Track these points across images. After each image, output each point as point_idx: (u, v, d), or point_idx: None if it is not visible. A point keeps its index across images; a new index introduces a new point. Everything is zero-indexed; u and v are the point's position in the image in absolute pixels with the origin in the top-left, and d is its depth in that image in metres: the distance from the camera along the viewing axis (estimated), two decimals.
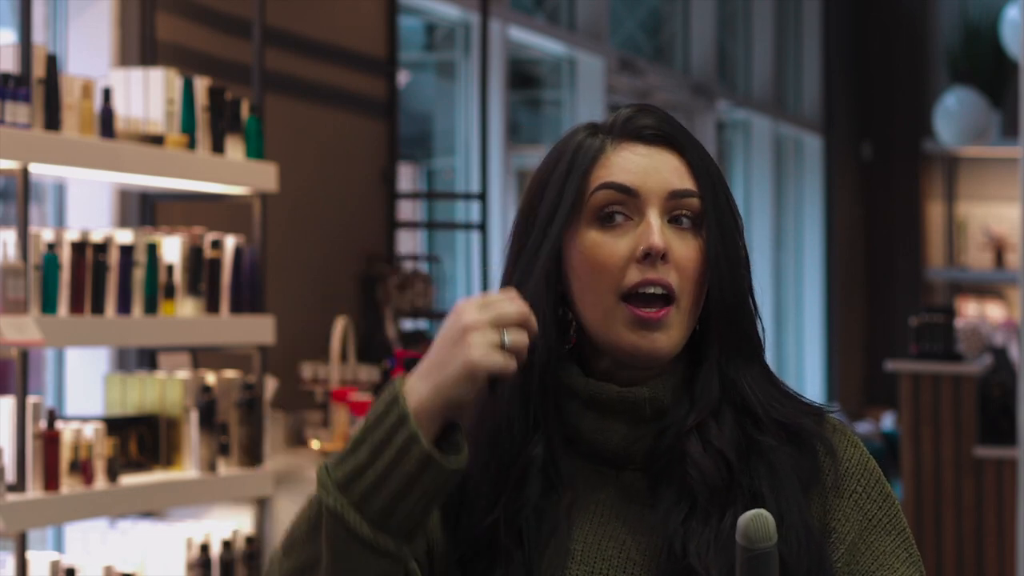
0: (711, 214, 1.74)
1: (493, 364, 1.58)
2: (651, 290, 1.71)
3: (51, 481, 3.90)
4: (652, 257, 1.71)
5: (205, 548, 4.45)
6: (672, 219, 1.74)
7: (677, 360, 1.76)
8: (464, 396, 1.59)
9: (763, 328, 1.80)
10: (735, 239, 1.76)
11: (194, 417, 4.46)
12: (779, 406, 1.75)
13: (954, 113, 11.28)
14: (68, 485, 3.96)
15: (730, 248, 1.75)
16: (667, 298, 1.72)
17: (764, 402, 1.74)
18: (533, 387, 1.73)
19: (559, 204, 1.74)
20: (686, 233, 1.74)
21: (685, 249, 1.73)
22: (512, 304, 1.61)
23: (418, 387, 1.59)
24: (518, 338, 1.60)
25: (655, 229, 1.71)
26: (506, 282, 1.76)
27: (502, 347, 1.59)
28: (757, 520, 1.56)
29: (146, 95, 4.38)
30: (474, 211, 6.81)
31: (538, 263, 1.74)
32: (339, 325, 5.50)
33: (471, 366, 1.58)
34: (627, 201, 1.73)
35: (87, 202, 4.82)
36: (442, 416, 1.59)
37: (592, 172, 1.74)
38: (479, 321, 1.59)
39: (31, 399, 3.89)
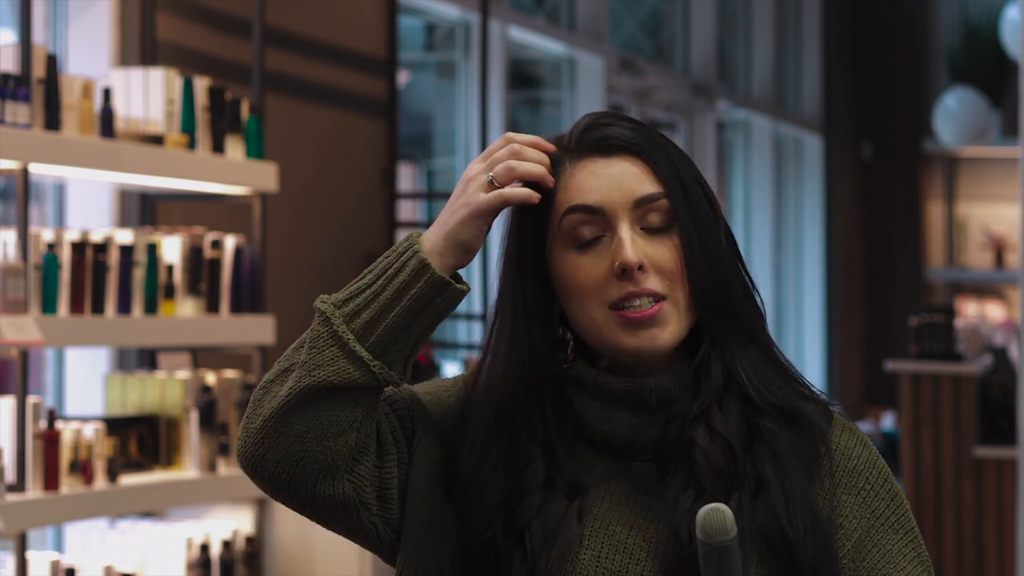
0: (682, 212, 1.75)
1: (486, 200, 1.72)
2: (637, 301, 1.73)
3: (51, 481, 3.89)
4: (629, 272, 1.73)
5: (205, 548, 4.45)
6: (645, 224, 1.75)
7: (681, 350, 1.77)
8: (469, 236, 1.73)
9: (761, 303, 1.80)
10: (713, 228, 1.77)
11: (194, 417, 4.46)
12: (776, 390, 1.76)
13: (954, 113, 11.28)
14: (68, 485, 3.96)
15: (708, 238, 1.76)
16: (657, 296, 1.73)
17: (760, 386, 1.75)
18: (539, 395, 1.77)
19: (533, 236, 1.78)
20: (661, 234, 1.75)
21: (663, 251, 1.74)
22: (505, 147, 1.75)
23: (429, 234, 1.74)
24: (503, 172, 1.73)
25: (626, 243, 1.73)
26: (500, 301, 1.80)
27: (491, 185, 1.73)
28: (713, 514, 1.58)
29: (146, 95, 4.38)
30: None
31: (525, 293, 1.78)
32: None
33: (469, 206, 1.72)
34: (595, 219, 1.75)
35: (87, 202, 4.82)
36: (451, 255, 1.73)
37: (556, 195, 1.76)
38: (478, 169, 1.75)
39: (31, 399, 3.89)
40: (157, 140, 4.31)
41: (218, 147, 4.54)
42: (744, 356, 1.76)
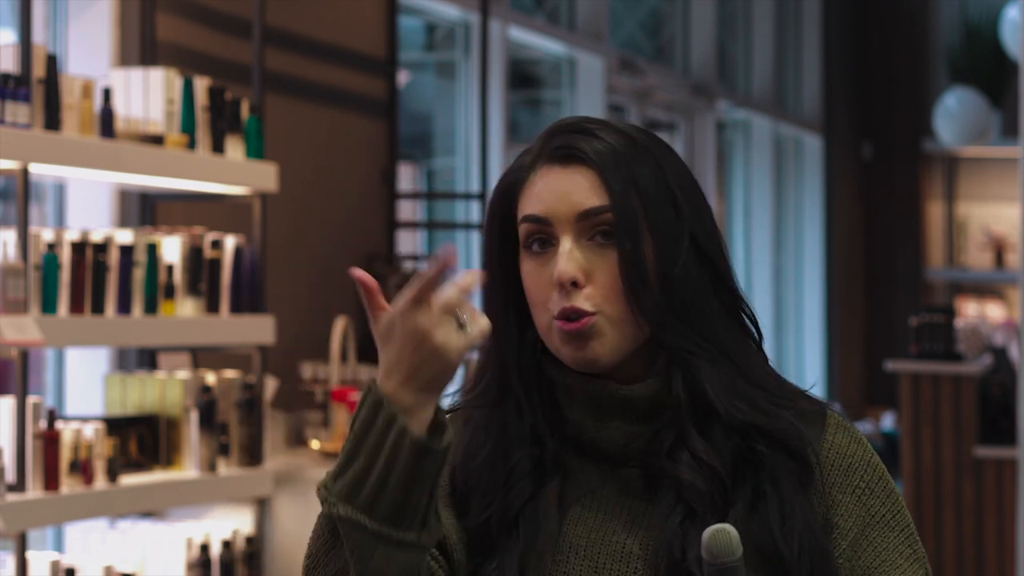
0: (619, 228, 1.73)
1: (464, 345, 1.62)
2: (572, 317, 1.73)
3: (51, 481, 3.89)
4: (563, 286, 1.73)
5: (205, 548, 4.45)
6: (592, 236, 1.75)
7: (659, 361, 1.76)
8: (446, 384, 1.64)
9: (748, 315, 1.79)
10: (673, 242, 1.75)
11: (194, 417, 4.46)
12: (744, 406, 1.73)
13: (954, 113, 11.28)
14: (68, 485, 3.96)
15: (664, 253, 1.74)
16: (583, 313, 1.74)
17: (726, 403, 1.73)
18: (525, 384, 1.78)
19: (500, 236, 1.79)
20: (607, 248, 1.75)
21: (604, 264, 1.74)
22: (446, 289, 1.62)
23: (402, 394, 1.62)
24: (469, 310, 1.63)
25: (562, 259, 1.73)
26: (488, 293, 1.80)
27: (461, 326, 1.63)
28: (719, 535, 1.58)
29: (146, 95, 4.38)
30: (474, 211, 6.81)
31: (500, 288, 1.79)
32: (339, 325, 5.50)
33: (449, 359, 1.62)
34: (543, 230, 1.76)
35: (87, 202, 4.82)
36: (426, 408, 1.63)
37: (519, 203, 1.78)
38: (431, 320, 1.61)
39: (31, 399, 3.89)
40: (157, 140, 4.31)
41: (218, 147, 4.54)
42: (712, 371, 1.74)
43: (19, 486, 3.82)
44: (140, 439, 4.43)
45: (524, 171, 1.79)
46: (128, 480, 4.22)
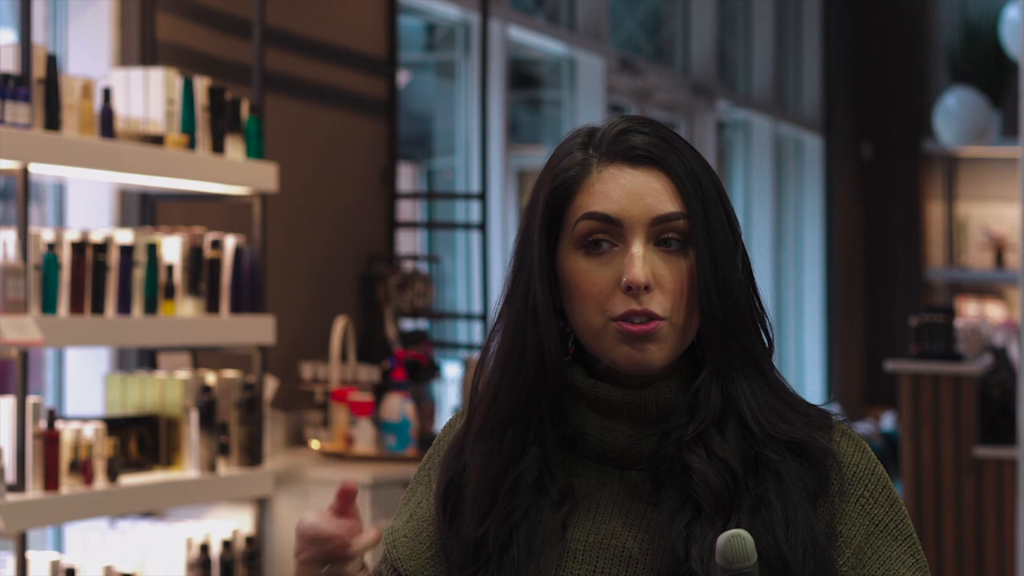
0: (699, 235, 1.72)
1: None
2: (637, 320, 1.71)
3: (51, 481, 3.89)
4: (635, 290, 1.70)
5: (205, 548, 4.45)
6: (661, 241, 1.73)
7: (683, 363, 1.76)
8: None
9: (770, 335, 1.78)
10: (730, 253, 1.75)
11: (194, 417, 4.46)
12: (779, 423, 1.74)
13: (954, 113, 11.28)
14: (68, 485, 3.96)
15: (723, 264, 1.74)
16: (655, 317, 1.72)
17: (762, 419, 1.73)
18: (538, 391, 1.75)
19: (546, 230, 1.74)
20: (675, 255, 1.73)
21: (673, 272, 1.73)
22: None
23: None
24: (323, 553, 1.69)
25: (637, 262, 1.70)
26: (508, 293, 1.77)
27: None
28: (734, 540, 1.57)
29: (146, 95, 4.38)
30: (474, 211, 6.81)
31: (534, 285, 1.74)
32: (339, 325, 5.50)
33: None
34: (610, 229, 1.72)
35: (87, 202, 4.82)
36: None
37: (576, 199, 1.74)
38: None
39: (31, 399, 3.89)
40: (157, 140, 4.31)
41: (218, 147, 4.54)
42: (747, 385, 1.74)
43: (19, 486, 3.82)
44: (140, 439, 4.43)
45: (586, 167, 1.75)
46: (128, 480, 4.22)
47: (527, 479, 1.74)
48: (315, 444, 5.34)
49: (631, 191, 1.72)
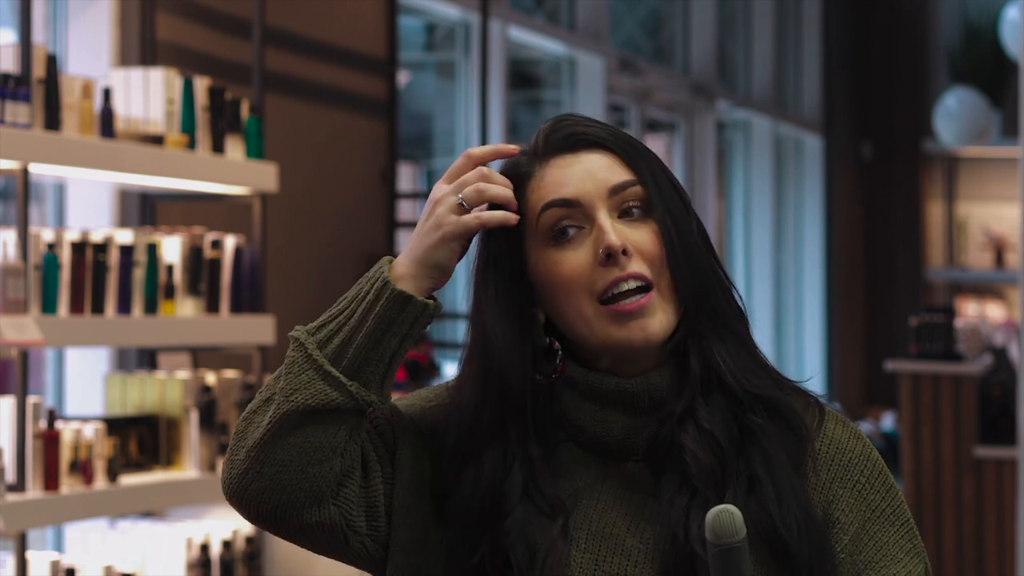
0: (655, 198, 1.76)
1: (461, 222, 1.73)
2: (625, 286, 1.73)
3: (51, 481, 3.89)
4: (614, 256, 1.73)
5: (205, 548, 4.45)
6: (623, 212, 1.76)
7: (671, 351, 1.77)
8: (443, 258, 1.74)
9: (740, 299, 1.81)
10: (685, 216, 1.78)
11: (194, 417, 4.46)
12: (754, 379, 1.76)
13: (954, 113, 11.28)
14: (68, 485, 3.96)
15: (682, 225, 1.77)
16: (644, 288, 1.74)
17: (738, 375, 1.76)
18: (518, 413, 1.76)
19: (507, 244, 1.77)
20: (639, 222, 1.76)
21: (643, 236, 1.75)
22: (469, 166, 1.76)
23: (401, 258, 1.75)
24: (472, 195, 1.74)
25: (608, 229, 1.73)
26: (474, 314, 1.80)
27: (461, 207, 1.74)
28: (723, 515, 1.58)
29: (146, 95, 4.38)
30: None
31: (499, 302, 1.78)
32: None
33: (442, 228, 1.73)
34: (574, 213, 1.75)
35: (87, 202, 4.82)
36: (425, 277, 1.74)
37: (531, 198, 1.77)
38: (445, 191, 1.75)
39: (31, 399, 3.89)
40: (157, 140, 4.31)
41: (218, 147, 4.54)
42: (723, 347, 1.76)
43: (19, 486, 3.82)
44: (140, 439, 4.43)
45: (531, 167, 1.79)
46: (128, 480, 4.22)
47: (513, 500, 1.74)
48: None
49: (581, 173, 1.77)
